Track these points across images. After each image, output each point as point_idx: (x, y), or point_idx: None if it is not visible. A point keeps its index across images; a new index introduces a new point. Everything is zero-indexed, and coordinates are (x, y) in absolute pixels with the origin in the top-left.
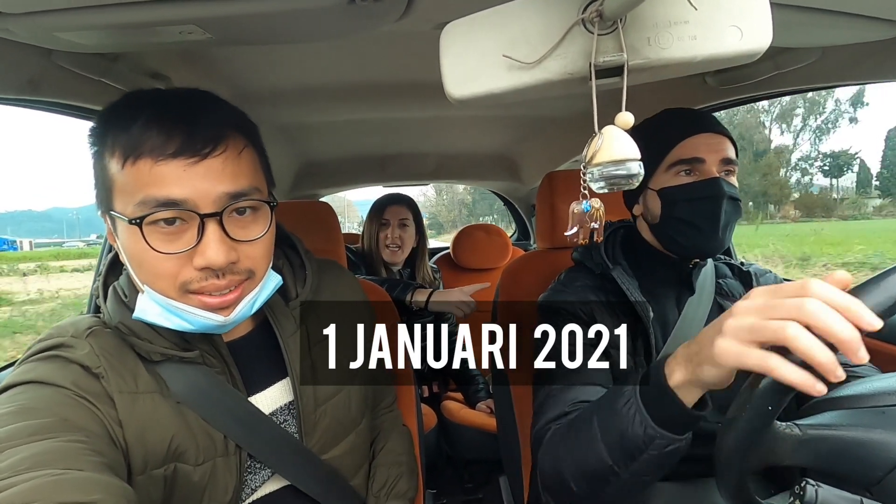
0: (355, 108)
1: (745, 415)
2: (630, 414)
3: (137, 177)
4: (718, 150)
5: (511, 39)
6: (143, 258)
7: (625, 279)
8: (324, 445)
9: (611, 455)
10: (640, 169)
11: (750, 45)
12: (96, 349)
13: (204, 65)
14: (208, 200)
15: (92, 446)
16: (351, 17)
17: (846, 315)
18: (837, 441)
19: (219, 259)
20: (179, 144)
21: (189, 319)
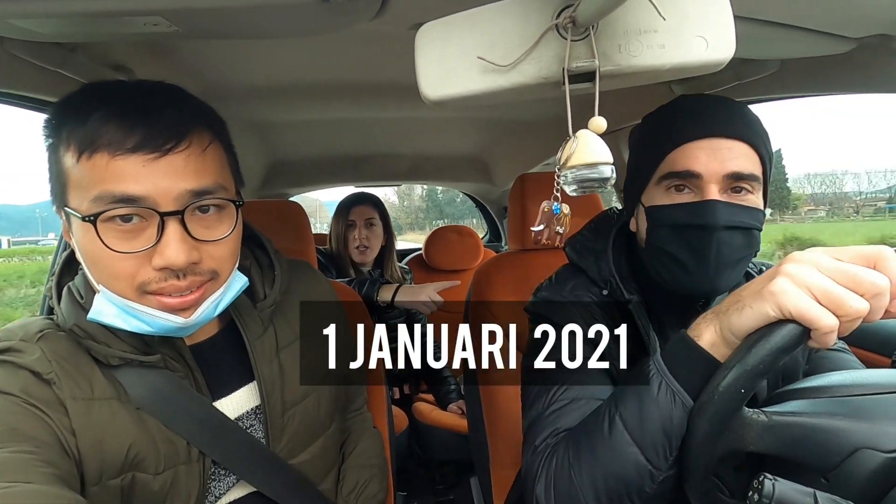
0: (329, 106)
1: (718, 398)
2: (667, 398)
3: (93, 171)
4: (725, 162)
5: (486, 42)
6: (99, 257)
7: (642, 314)
8: (292, 450)
9: (649, 457)
10: (611, 173)
11: (715, 55)
12: (48, 353)
13: (171, 58)
14: (169, 198)
15: (42, 457)
16: (324, 15)
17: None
18: (801, 427)
19: (179, 259)
20: (139, 139)
21: (147, 321)
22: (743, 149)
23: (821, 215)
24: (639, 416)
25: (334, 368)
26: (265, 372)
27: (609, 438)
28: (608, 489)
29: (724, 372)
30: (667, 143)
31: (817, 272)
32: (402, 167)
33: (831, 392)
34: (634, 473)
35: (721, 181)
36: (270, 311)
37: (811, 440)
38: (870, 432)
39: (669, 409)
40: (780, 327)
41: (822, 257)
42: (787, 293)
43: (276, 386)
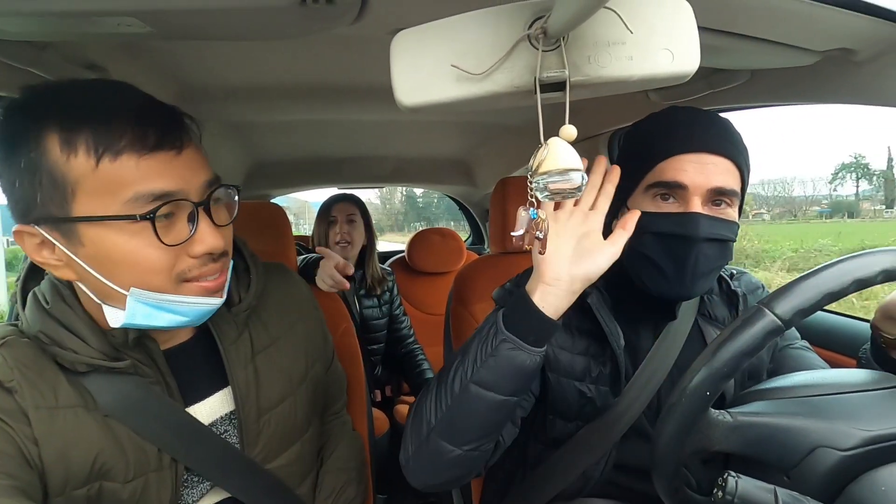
0: (310, 108)
1: (685, 400)
2: (488, 331)
3: (121, 173)
4: (710, 176)
5: (460, 50)
6: (137, 257)
7: (601, 306)
8: (267, 455)
9: (464, 363)
10: (582, 180)
11: (680, 67)
12: (9, 361)
13: (146, 58)
14: (196, 189)
15: (1, 468)
16: (302, 19)
17: None
18: (764, 427)
19: (220, 243)
20: (157, 138)
21: (182, 311)
22: (726, 165)
23: (765, 218)
24: (469, 343)
25: (311, 371)
26: (239, 377)
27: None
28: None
29: (691, 375)
30: (658, 153)
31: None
32: (385, 169)
33: (793, 392)
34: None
35: (704, 194)
36: (245, 316)
37: (773, 440)
38: (828, 431)
39: (486, 337)
40: (747, 328)
41: None
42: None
43: (250, 391)
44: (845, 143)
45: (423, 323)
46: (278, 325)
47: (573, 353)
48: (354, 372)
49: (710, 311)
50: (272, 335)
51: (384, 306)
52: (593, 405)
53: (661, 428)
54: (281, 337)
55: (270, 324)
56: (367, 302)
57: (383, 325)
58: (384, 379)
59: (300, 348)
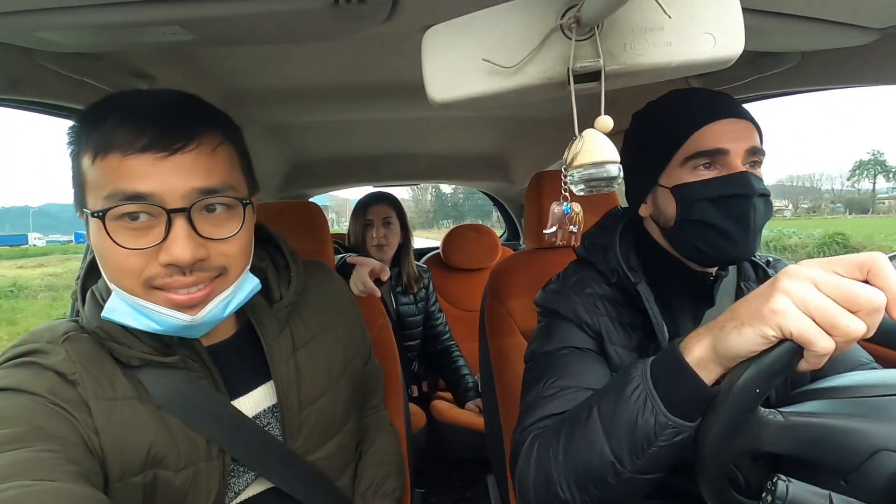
0: (345, 108)
1: (732, 397)
2: (640, 402)
3: (106, 171)
4: (744, 139)
5: (491, 44)
6: (109, 254)
7: (649, 298)
8: (308, 447)
9: (614, 450)
10: (618, 172)
11: (723, 52)
12: (72, 355)
13: (190, 64)
14: (176, 196)
15: (66, 455)
16: (335, 19)
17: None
18: (819, 428)
19: (184, 256)
20: (149, 140)
21: (156, 319)
22: (752, 127)
23: (786, 215)
24: (612, 410)
25: (350, 366)
26: (281, 371)
27: (585, 425)
28: (575, 473)
29: (740, 370)
30: (688, 125)
31: (815, 289)
32: (420, 167)
33: (851, 392)
34: (599, 462)
35: (743, 156)
36: (286, 312)
37: (829, 441)
38: (890, 434)
39: (638, 412)
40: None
41: (819, 272)
42: (788, 314)
43: (291, 385)
44: (863, 140)
45: (458, 319)
46: (318, 322)
47: (629, 350)
48: (391, 367)
49: None
50: (312, 331)
51: (420, 303)
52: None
53: (707, 426)
54: (320, 333)
55: (310, 320)
56: (403, 299)
57: (419, 322)
58: (421, 375)
59: (339, 344)
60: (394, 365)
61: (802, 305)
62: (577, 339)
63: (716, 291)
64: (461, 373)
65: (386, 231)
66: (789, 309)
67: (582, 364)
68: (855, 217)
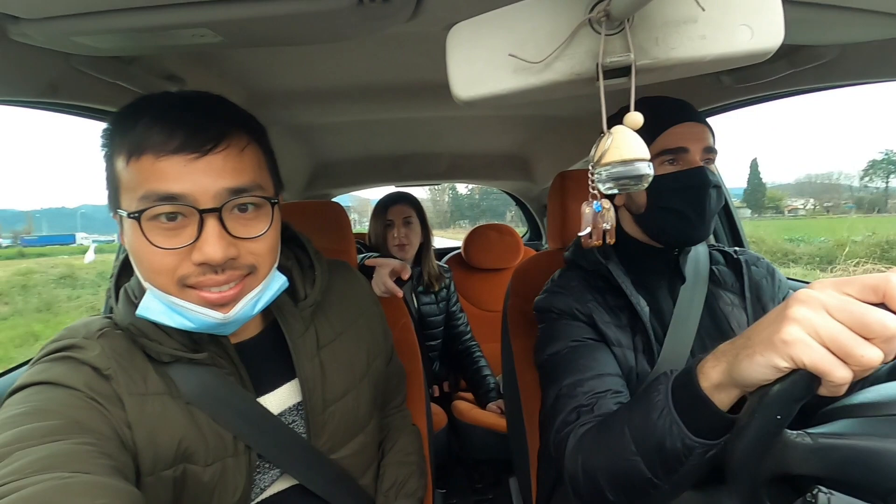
0: (367, 108)
1: (754, 422)
2: (666, 426)
3: (140, 173)
4: (701, 140)
5: (518, 40)
6: (144, 254)
7: (619, 273)
8: (333, 445)
9: (649, 468)
10: (649, 169)
11: (760, 44)
12: (107, 350)
13: (218, 66)
14: (208, 196)
15: (101, 449)
16: (360, 19)
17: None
18: (850, 450)
19: (216, 255)
20: (181, 141)
21: (189, 317)
22: (707, 130)
23: (802, 213)
24: (642, 431)
25: (373, 366)
26: (306, 369)
27: (619, 442)
28: (618, 482)
29: (759, 396)
30: (657, 128)
31: (827, 316)
32: (441, 166)
33: (880, 409)
34: (638, 478)
35: (701, 153)
36: (311, 311)
37: (862, 463)
38: None
39: (665, 435)
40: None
41: (831, 297)
42: (800, 344)
43: (316, 383)
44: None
45: (479, 319)
46: (341, 321)
47: (620, 328)
48: (413, 367)
49: (720, 279)
50: (336, 330)
51: (441, 303)
52: (636, 376)
53: (732, 447)
54: (344, 332)
55: (334, 319)
56: (424, 298)
57: (441, 322)
58: (442, 375)
59: (362, 343)
60: (416, 365)
61: (815, 334)
62: (576, 332)
63: (682, 266)
64: (482, 373)
65: (407, 230)
66: (802, 339)
67: (589, 354)
68: (859, 216)
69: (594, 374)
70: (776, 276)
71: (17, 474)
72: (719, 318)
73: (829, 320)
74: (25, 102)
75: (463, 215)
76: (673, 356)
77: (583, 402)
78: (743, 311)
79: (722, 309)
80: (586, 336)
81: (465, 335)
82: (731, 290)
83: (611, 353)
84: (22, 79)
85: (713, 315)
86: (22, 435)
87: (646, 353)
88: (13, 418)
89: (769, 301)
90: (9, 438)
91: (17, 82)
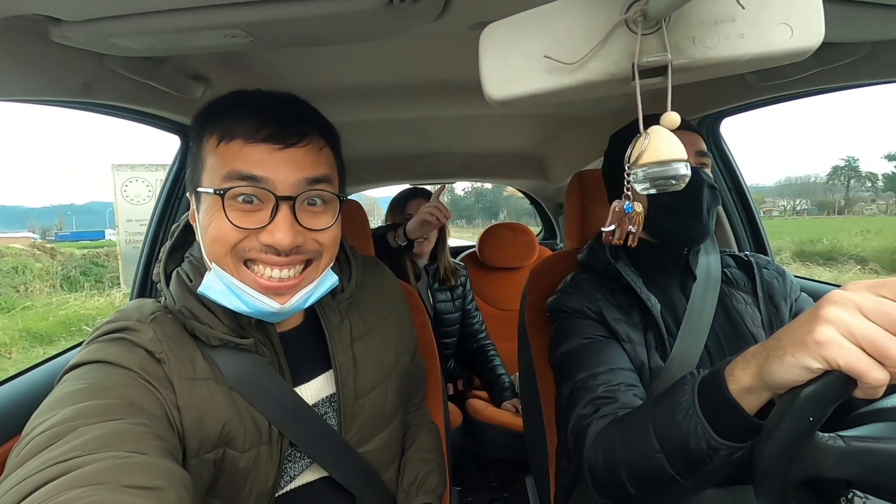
0: (387, 107)
1: (784, 425)
2: (690, 427)
3: (227, 154)
4: (693, 144)
5: (552, 40)
6: (217, 230)
7: (628, 273)
8: (360, 439)
9: (673, 466)
10: (687, 170)
11: (800, 43)
12: (159, 334)
13: (242, 66)
14: (286, 184)
15: (154, 430)
16: (389, 18)
17: None
18: (885, 454)
19: (285, 240)
20: (269, 132)
21: (246, 301)
22: (698, 136)
23: (776, 214)
24: (666, 430)
25: (400, 361)
26: (341, 360)
27: (643, 438)
28: (640, 477)
29: (791, 397)
30: None
31: (861, 317)
32: (456, 165)
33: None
34: (661, 476)
35: (694, 157)
36: (347, 304)
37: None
38: None
39: (690, 436)
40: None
41: (866, 298)
42: (832, 345)
43: (349, 375)
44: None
45: (494, 318)
46: (373, 316)
47: (632, 326)
48: (430, 364)
49: (732, 280)
50: (368, 324)
51: (457, 300)
52: (649, 371)
53: (761, 450)
54: (376, 327)
55: (366, 314)
56: (440, 296)
57: (456, 320)
58: (456, 373)
59: (391, 339)
60: (434, 362)
61: (849, 335)
62: (588, 329)
63: (693, 266)
64: (497, 372)
65: None
66: (836, 340)
67: (601, 350)
68: (809, 218)
69: (607, 368)
70: (787, 276)
71: (80, 450)
72: (733, 315)
73: (864, 321)
74: (61, 102)
75: (460, 215)
76: (686, 351)
77: (599, 393)
78: (756, 309)
79: (735, 307)
80: (597, 333)
81: (479, 333)
82: (744, 290)
83: (622, 350)
84: (59, 79)
85: (727, 312)
86: (82, 411)
87: (658, 348)
88: (74, 394)
89: (781, 300)
90: (72, 413)
91: (55, 82)
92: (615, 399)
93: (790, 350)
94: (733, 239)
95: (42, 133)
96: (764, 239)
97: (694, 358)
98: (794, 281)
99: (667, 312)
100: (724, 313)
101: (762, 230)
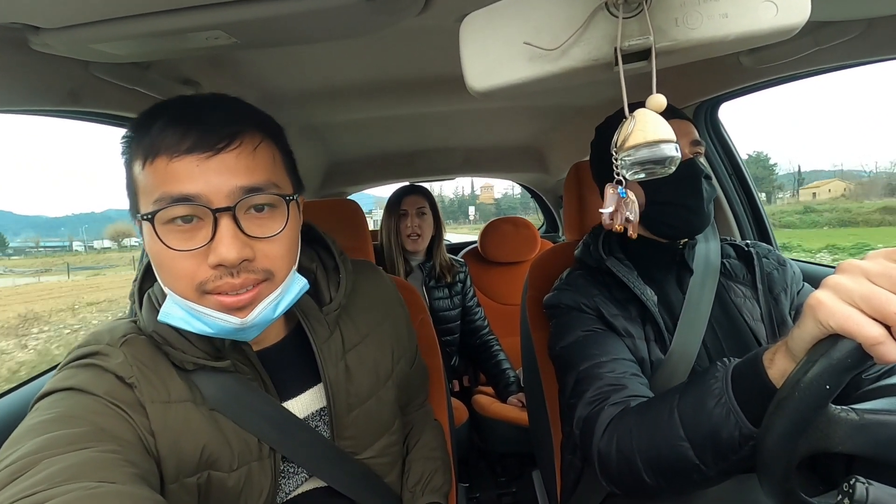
0: (380, 105)
1: (799, 394)
2: (722, 414)
3: (154, 175)
4: (687, 135)
5: (532, 27)
6: (163, 258)
7: (620, 268)
8: (357, 447)
9: (699, 455)
10: (676, 152)
11: (786, 20)
12: (129, 358)
13: (232, 69)
14: (221, 195)
15: (126, 456)
16: (370, 14)
17: None
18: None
19: (231, 255)
20: (193, 141)
21: (208, 322)
22: (691, 125)
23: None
24: (694, 418)
25: (397, 368)
26: (331, 374)
27: (667, 426)
28: (659, 466)
29: (808, 365)
30: None
31: (863, 280)
32: (455, 161)
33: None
34: (683, 464)
35: (689, 146)
36: (336, 315)
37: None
38: None
39: (721, 424)
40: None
41: (874, 263)
42: (822, 306)
43: (340, 387)
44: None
45: (497, 313)
46: (367, 323)
47: (630, 321)
48: (433, 362)
49: (731, 272)
50: (361, 332)
51: (455, 297)
52: (650, 364)
53: (770, 423)
54: (370, 334)
55: (359, 321)
56: (436, 293)
57: (455, 317)
58: (461, 369)
59: (387, 345)
60: (435, 360)
61: (847, 296)
62: (586, 323)
63: (689, 259)
64: (502, 367)
65: (420, 221)
66: (826, 301)
67: (602, 342)
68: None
69: (610, 357)
70: (787, 266)
71: (45, 483)
72: (731, 310)
73: (864, 283)
74: (48, 111)
75: (448, 216)
76: (685, 344)
77: (608, 381)
78: (755, 302)
79: (733, 300)
80: (596, 326)
81: (482, 329)
82: (743, 283)
83: (622, 342)
84: (44, 88)
85: (724, 306)
86: (49, 443)
87: (658, 341)
88: (41, 424)
89: (781, 292)
90: (36, 446)
91: (40, 91)
92: (624, 386)
93: (799, 321)
94: (735, 226)
95: (58, 141)
96: (767, 225)
97: (694, 350)
98: (796, 272)
99: (663, 307)
100: (721, 307)
101: (765, 216)
